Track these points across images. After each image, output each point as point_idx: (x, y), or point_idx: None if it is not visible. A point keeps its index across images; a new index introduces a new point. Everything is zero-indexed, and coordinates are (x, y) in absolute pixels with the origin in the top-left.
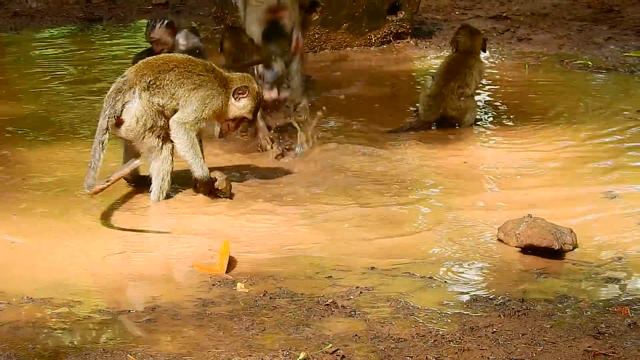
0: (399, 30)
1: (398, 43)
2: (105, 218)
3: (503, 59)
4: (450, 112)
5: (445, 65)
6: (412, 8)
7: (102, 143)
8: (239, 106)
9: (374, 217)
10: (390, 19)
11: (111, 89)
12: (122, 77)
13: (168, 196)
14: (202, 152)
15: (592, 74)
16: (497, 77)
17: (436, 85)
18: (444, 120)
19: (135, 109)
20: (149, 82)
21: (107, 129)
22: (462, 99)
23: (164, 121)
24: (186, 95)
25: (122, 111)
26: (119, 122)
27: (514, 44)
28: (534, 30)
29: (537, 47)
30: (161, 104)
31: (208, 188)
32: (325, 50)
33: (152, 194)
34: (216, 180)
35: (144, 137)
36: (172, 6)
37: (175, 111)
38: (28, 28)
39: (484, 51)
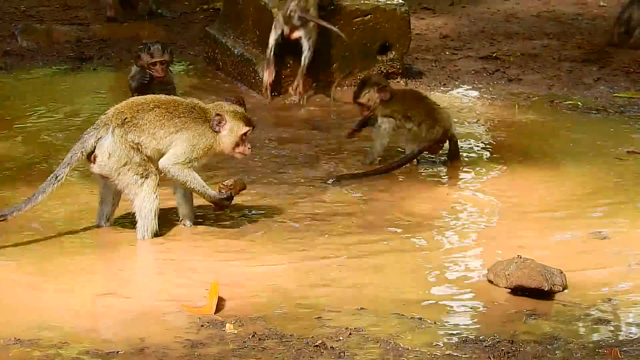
0: (390, 70)
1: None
2: (93, 258)
3: (493, 99)
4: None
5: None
6: (403, 48)
7: (57, 177)
8: (227, 134)
9: (361, 259)
10: (380, 59)
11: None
12: (103, 115)
13: (156, 234)
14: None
15: (582, 114)
16: (488, 117)
17: None
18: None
19: (107, 145)
20: (125, 119)
21: (69, 163)
22: None
23: (141, 158)
24: (169, 137)
25: (95, 147)
26: (93, 159)
27: (504, 85)
28: (524, 70)
29: (527, 87)
30: (136, 142)
31: (226, 204)
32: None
33: (137, 232)
34: (230, 195)
35: (119, 174)
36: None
37: (158, 151)
38: (18, 67)
39: None
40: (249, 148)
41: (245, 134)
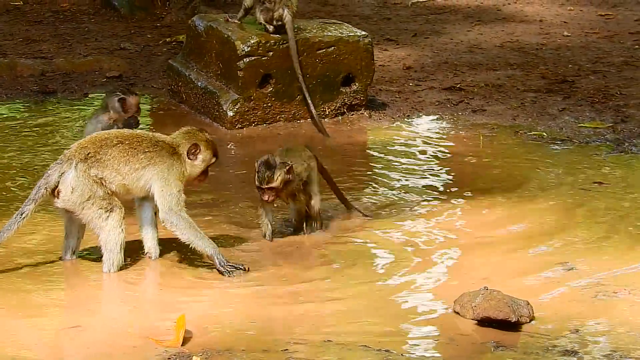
0: (353, 102)
1: (352, 115)
2: (59, 291)
3: (458, 130)
4: None
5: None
6: (366, 80)
7: (23, 214)
8: (199, 163)
9: (326, 291)
10: (344, 90)
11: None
12: (66, 150)
13: (121, 267)
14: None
15: (547, 145)
16: (452, 148)
17: None
18: None
19: (70, 179)
20: (88, 154)
21: (34, 200)
22: None
23: (105, 192)
24: (135, 173)
25: (59, 182)
26: (57, 193)
27: (469, 115)
28: (488, 101)
29: (492, 118)
30: (100, 176)
31: (229, 267)
32: (279, 123)
33: (103, 266)
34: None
35: (83, 208)
36: (125, 78)
37: (124, 186)
38: None
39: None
40: (205, 178)
41: (212, 164)
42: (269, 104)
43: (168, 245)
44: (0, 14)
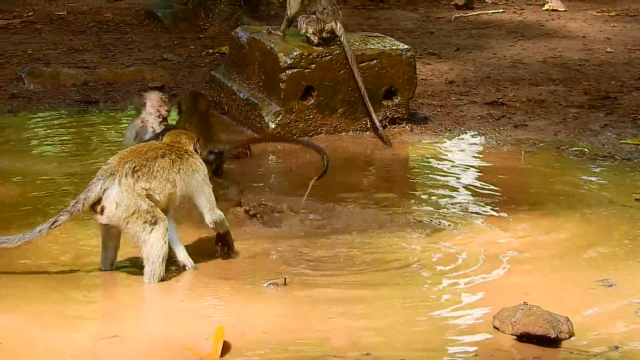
0: (395, 116)
1: (394, 128)
2: (98, 301)
3: (499, 145)
4: None
5: None
6: (408, 93)
7: (55, 222)
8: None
9: (366, 305)
10: (386, 104)
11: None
12: (106, 164)
13: (162, 279)
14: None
15: (588, 161)
16: (493, 163)
17: None
18: None
19: (114, 195)
20: (133, 167)
21: (70, 212)
22: None
23: (149, 205)
24: (187, 180)
25: (100, 197)
26: (101, 209)
27: (510, 130)
28: (530, 116)
29: (533, 133)
30: (147, 188)
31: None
32: (321, 135)
33: (144, 277)
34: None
35: (127, 223)
36: (167, 89)
37: (171, 195)
38: (25, 110)
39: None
40: None
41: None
42: (311, 116)
43: (198, 256)
44: (44, 23)
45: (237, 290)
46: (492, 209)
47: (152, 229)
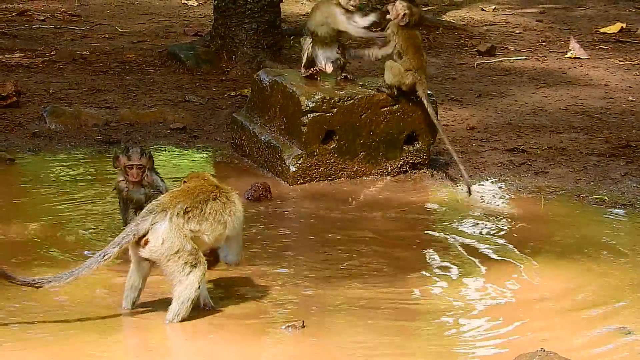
0: (416, 161)
1: (414, 173)
2: (119, 341)
3: (520, 192)
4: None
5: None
6: (429, 139)
7: (106, 255)
8: None
9: (385, 347)
10: (407, 149)
11: (143, 211)
12: (156, 200)
13: (183, 319)
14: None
15: (608, 209)
16: (513, 210)
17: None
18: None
19: (162, 230)
20: (185, 208)
21: (120, 244)
22: None
23: (193, 247)
24: (237, 221)
25: (148, 231)
26: (144, 243)
27: (531, 178)
28: (550, 164)
29: (554, 180)
30: (196, 230)
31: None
32: (341, 179)
33: (168, 313)
34: None
35: (168, 260)
36: (189, 131)
37: (219, 237)
38: (46, 149)
39: None
40: None
41: None
42: (332, 160)
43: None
44: (66, 63)
45: (254, 332)
46: (510, 255)
47: (190, 271)
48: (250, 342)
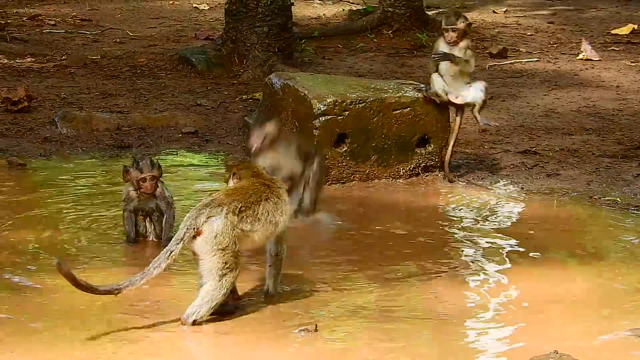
0: (428, 164)
1: (426, 176)
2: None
3: (532, 194)
4: None
5: None
6: (441, 141)
7: (171, 252)
8: None
9: (396, 353)
10: (419, 151)
11: (197, 205)
12: (210, 196)
13: (200, 322)
14: None
15: (620, 211)
16: (525, 212)
17: None
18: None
19: (217, 225)
20: (240, 208)
21: (182, 239)
22: None
23: (237, 250)
24: (287, 220)
25: (203, 223)
26: (197, 234)
27: (543, 180)
28: (562, 165)
29: (566, 182)
30: (248, 229)
31: None
32: (353, 182)
33: (189, 308)
34: None
35: (213, 255)
36: (201, 135)
37: (269, 236)
38: (57, 154)
39: None
40: None
41: None
42: (344, 163)
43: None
44: (78, 67)
45: (267, 335)
46: (523, 257)
47: (225, 273)
48: (263, 345)
